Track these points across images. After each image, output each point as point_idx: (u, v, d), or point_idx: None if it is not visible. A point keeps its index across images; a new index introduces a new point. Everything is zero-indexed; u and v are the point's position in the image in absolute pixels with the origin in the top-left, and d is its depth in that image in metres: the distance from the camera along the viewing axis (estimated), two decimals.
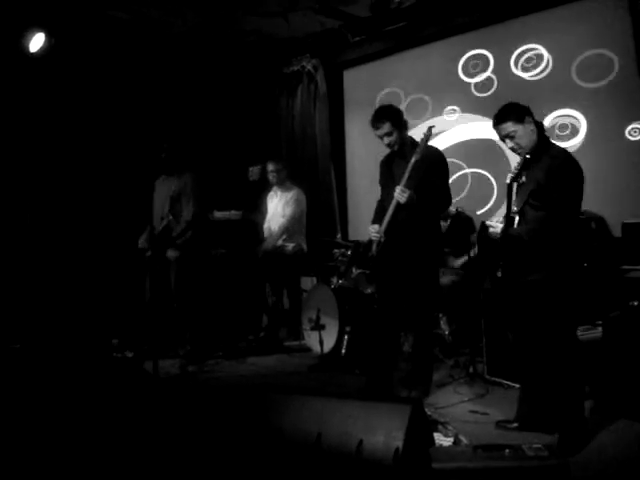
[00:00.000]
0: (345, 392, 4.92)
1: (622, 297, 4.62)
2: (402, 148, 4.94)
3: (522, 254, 3.84)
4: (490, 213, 6.82)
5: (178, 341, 6.38)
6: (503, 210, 3.94)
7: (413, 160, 4.70)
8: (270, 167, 7.07)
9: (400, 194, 4.69)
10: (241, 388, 4.63)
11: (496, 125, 3.99)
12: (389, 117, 4.91)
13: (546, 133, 3.99)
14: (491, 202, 7.01)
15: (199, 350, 6.37)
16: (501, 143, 4.29)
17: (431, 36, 7.67)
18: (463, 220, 6.48)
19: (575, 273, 3.90)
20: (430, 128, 4.84)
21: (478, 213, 6.90)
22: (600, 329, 4.58)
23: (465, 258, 6.22)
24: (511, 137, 3.91)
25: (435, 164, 4.87)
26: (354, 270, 6.46)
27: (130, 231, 6.60)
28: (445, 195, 4.91)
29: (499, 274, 4.10)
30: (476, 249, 6.10)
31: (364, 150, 8.28)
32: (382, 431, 2.77)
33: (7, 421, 4.30)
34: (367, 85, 8.50)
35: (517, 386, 4.85)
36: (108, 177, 7.35)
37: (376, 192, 5.29)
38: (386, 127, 4.89)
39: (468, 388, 5.11)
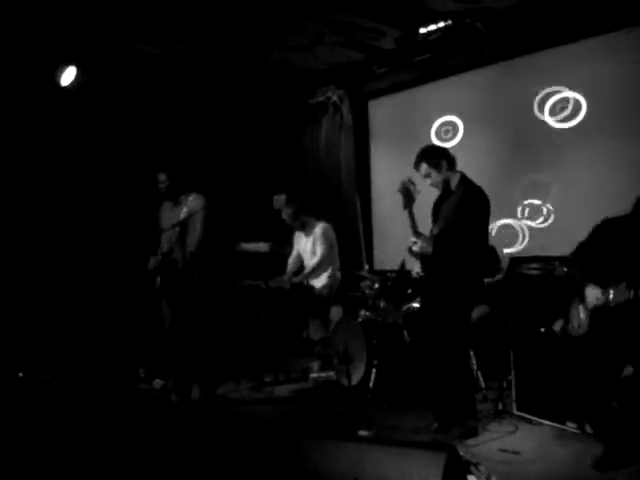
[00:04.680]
0: (381, 434, 4.88)
1: None
2: (447, 188, 4.95)
3: None
4: None
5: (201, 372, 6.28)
6: None
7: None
8: (283, 215, 7.12)
9: (412, 245, 4.85)
10: (275, 428, 4.66)
11: None
12: (424, 158, 4.95)
13: None
14: None
15: (217, 380, 6.32)
16: None
17: (457, 67, 7.72)
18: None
19: None
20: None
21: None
22: None
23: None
24: None
25: (462, 204, 4.82)
26: (382, 303, 6.46)
27: (142, 258, 6.58)
28: (467, 237, 4.77)
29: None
30: (502, 275, 6.09)
31: (390, 181, 8.21)
32: (418, 478, 2.78)
33: (36, 449, 4.39)
34: (393, 115, 8.56)
35: (546, 423, 4.89)
36: (129, 207, 7.45)
37: (401, 223, 5.26)
38: (423, 169, 4.94)
39: (497, 425, 5.04)
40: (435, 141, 7.76)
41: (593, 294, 4.01)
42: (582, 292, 4.09)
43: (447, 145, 7.41)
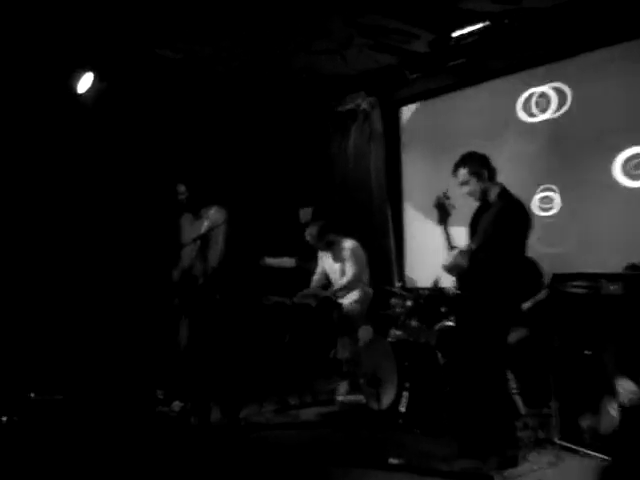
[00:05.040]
0: (413, 462, 4.68)
1: None
2: (485, 200, 4.73)
3: None
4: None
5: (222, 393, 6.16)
6: None
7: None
8: (307, 236, 6.89)
9: (444, 263, 4.69)
10: (300, 454, 4.68)
11: None
12: (465, 164, 4.72)
13: None
14: None
15: (239, 402, 6.17)
16: None
17: (494, 72, 7.39)
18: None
19: None
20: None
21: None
22: None
23: (532, 301, 5.87)
24: None
25: (502, 216, 4.58)
26: (413, 322, 6.23)
27: (160, 276, 6.56)
28: (506, 252, 4.56)
29: None
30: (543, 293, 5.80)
31: (423, 191, 7.97)
32: None
33: (48, 471, 4.44)
34: (426, 123, 8.24)
35: (592, 454, 4.57)
36: (148, 219, 7.36)
37: (436, 237, 5.05)
38: (461, 175, 4.72)
39: (537, 455, 4.74)
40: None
41: (626, 388, 3.83)
42: (613, 385, 3.89)
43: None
